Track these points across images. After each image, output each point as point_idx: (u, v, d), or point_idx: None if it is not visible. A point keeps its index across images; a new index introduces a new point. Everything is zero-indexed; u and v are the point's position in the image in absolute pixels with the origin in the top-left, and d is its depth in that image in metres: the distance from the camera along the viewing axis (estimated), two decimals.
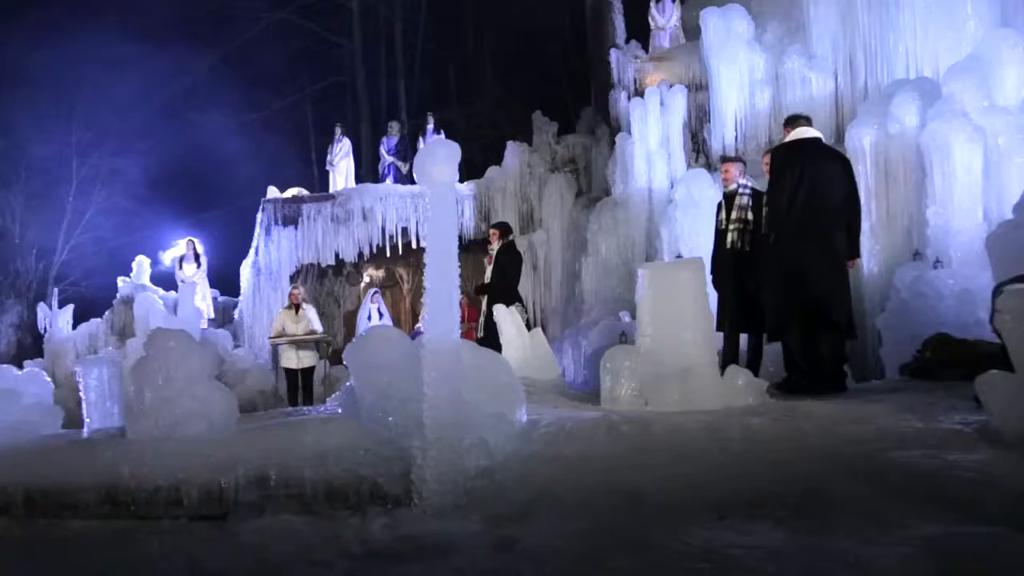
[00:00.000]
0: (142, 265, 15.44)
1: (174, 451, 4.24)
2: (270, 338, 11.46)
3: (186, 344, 4.59)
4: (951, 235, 7.40)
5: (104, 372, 5.82)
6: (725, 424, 4.19)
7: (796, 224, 5.57)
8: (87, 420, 5.72)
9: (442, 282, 3.93)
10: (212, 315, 14.64)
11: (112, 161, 21.65)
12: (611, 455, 3.94)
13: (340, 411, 4.73)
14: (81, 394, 5.80)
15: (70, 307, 15.14)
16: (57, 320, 14.67)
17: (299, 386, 10.68)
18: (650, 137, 11.25)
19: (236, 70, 22.05)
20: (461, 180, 12.29)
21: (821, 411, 4.46)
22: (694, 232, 9.64)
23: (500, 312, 7.00)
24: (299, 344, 10.67)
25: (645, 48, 13.26)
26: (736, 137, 10.80)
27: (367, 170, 17.97)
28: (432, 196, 3.97)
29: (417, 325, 12.70)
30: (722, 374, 5.17)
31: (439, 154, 3.99)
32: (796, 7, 10.61)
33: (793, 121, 6.03)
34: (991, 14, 8.80)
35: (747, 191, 6.66)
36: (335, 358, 12.69)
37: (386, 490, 3.93)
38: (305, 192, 15.19)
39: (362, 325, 12.41)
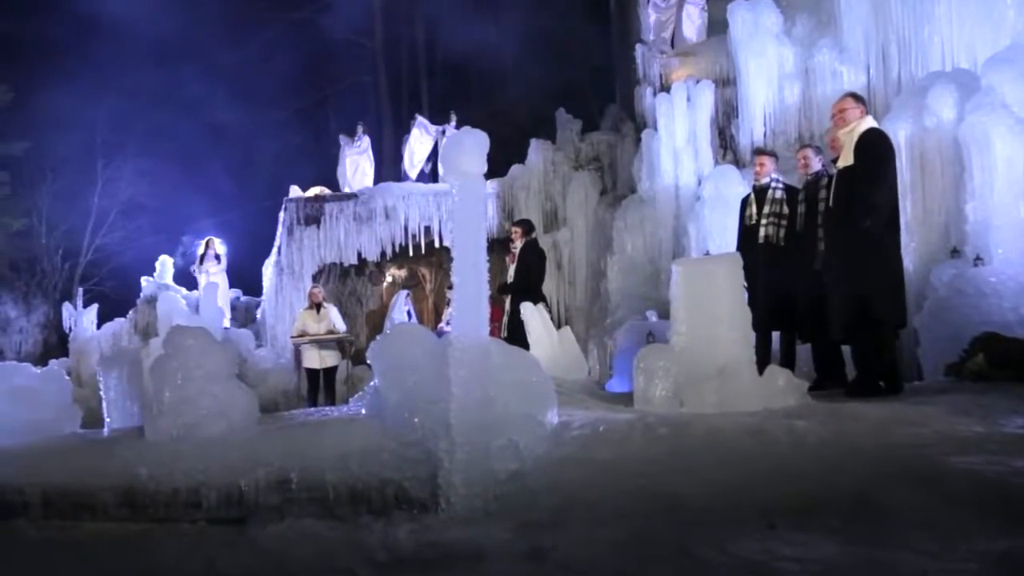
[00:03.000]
0: (165, 265, 15.55)
1: (193, 452, 4.14)
2: (292, 338, 11.38)
3: (205, 342, 4.48)
4: (992, 231, 7.15)
5: (124, 371, 5.72)
6: (768, 426, 3.99)
7: (889, 221, 5.35)
8: (107, 419, 5.64)
9: (470, 276, 3.78)
10: (231, 315, 14.63)
11: (136, 162, 21.84)
12: (648, 459, 3.76)
13: (364, 412, 4.60)
14: (101, 393, 5.72)
15: (95, 307, 15.29)
16: (82, 320, 14.81)
17: (320, 386, 10.59)
18: (677, 133, 11.05)
19: (259, 70, 22.11)
20: (485, 177, 12.13)
21: (870, 413, 4.24)
22: (722, 229, 9.43)
23: (527, 310, 6.82)
24: (321, 344, 10.59)
25: (671, 43, 13.04)
26: (765, 132, 10.55)
27: (389, 169, 17.89)
28: (459, 187, 3.81)
29: (440, 324, 12.57)
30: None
31: (466, 144, 3.85)
32: None
33: (864, 101, 5.76)
34: None
35: (780, 185, 6.47)
36: (358, 358, 12.60)
37: (412, 494, 3.80)
38: (327, 191, 15.13)
39: None
